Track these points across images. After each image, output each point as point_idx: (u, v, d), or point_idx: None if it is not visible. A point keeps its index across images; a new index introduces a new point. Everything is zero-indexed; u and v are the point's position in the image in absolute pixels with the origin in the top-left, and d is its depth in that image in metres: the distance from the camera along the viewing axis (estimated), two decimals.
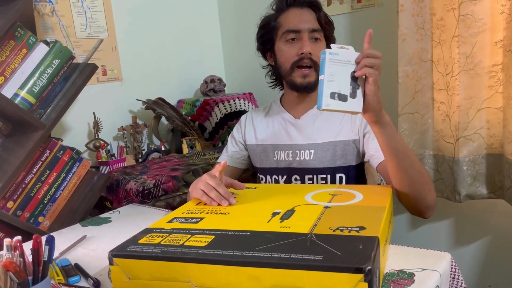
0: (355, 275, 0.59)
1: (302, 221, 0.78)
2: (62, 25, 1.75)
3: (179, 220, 0.85)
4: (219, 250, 0.69)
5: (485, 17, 1.36)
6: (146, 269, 0.71)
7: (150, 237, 0.77)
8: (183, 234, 0.77)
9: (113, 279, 0.74)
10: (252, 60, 2.22)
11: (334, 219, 0.79)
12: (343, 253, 0.64)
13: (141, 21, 2.03)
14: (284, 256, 0.64)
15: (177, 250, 0.71)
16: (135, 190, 1.46)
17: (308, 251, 0.66)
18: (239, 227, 0.78)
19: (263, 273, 0.64)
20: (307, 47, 1.13)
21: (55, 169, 1.40)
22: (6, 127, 1.34)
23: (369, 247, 0.65)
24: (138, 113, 2.00)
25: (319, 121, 1.20)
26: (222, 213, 0.87)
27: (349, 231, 0.72)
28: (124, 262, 0.72)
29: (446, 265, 0.82)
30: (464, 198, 1.47)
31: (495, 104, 1.41)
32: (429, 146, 1.58)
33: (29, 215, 1.34)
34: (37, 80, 1.32)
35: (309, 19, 1.16)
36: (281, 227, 0.76)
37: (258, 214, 0.84)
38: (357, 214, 0.81)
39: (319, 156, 1.17)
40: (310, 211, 0.83)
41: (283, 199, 0.92)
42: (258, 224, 0.79)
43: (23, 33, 1.31)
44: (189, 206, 0.93)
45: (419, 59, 1.51)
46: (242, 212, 0.87)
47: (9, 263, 0.64)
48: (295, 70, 1.16)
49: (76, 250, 1.03)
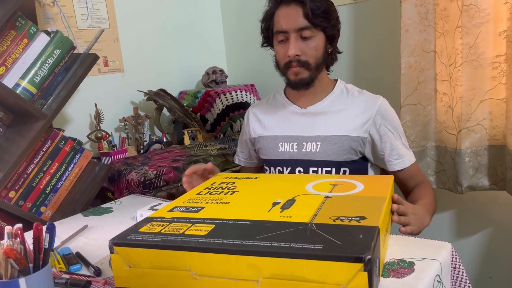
0: (354, 265, 0.59)
1: (302, 210, 0.78)
2: (63, 15, 1.75)
3: (180, 209, 0.84)
4: (219, 239, 0.68)
5: (489, 7, 1.35)
6: (146, 258, 0.71)
7: (150, 226, 0.77)
8: (183, 223, 0.77)
9: (113, 267, 0.74)
10: (254, 51, 2.22)
11: (334, 208, 0.78)
12: (343, 242, 0.64)
13: (142, 12, 2.02)
14: (284, 245, 0.64)
15: (177, 238, 0.71)
16: (136, 181, 1.46)
17: (308, 240, 0.65)
18: (240, 216, 0.78)
19: (262, 262, 0.64)
20: (291, 49, 1.10)
21: (56, 159, 1.40)
22: (7, 117, 1.34)
23: (369, 236, 0.65)
24: (139, 104, 2.00)
25: (329, 114, 1.18)
26: (223, 203, 0.86)
27: (349, 221, 0.72)
28: (125, 251, 0.72)
29: (447, 254, 0.82)
30: (466, 190, 1.47)
31: (498, 95, 1.40)
32: (432, 137, 1.57)
33: (31, 205, 1.35)
34: (38, 70, 1.32)
35: (296, 17, 1.10)
36: (281, 217, 0.76)
37: (259, 204, 0.84)
38: (357, 204, 0.81)
39: (326, 148, 1.15)
40: (310, 201, 0.83)
41: (283, 189, 0.92)
42: (259, 213, 0.78)
43: (24, 23, 1.31)
44: (190, 195, 0.93)
45: (422, 50, 1.50)
46: (243, 202, 0.87)
47: (10, 250, 0.64)
48: (287, 69, 1.15)
49: (77, 239, 1.04)
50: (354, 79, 1.83)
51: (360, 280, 0.59)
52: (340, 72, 1.23)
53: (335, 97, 1.19)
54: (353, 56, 1.81)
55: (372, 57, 1.80)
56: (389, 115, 1.15)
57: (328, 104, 1.19)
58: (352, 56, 1.82)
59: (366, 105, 1.16)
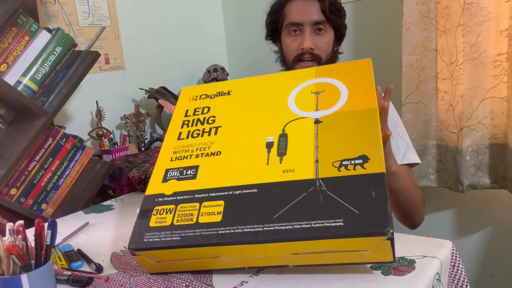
0: (377, 238, 0.62)
1: (301, 154, 0.74)
2: (64, 12, 1.75)
3: (174, 175, 0.80)
4: (238, 227, 0.68)
5: (490, 5, 1.35)
6: (171, 255, 0.72)
7: (159, 216, 0.74)
8: (189, 203, 0.74)
9: (141, 264, 0.77)
10: (255, 49, 2.22)
11: (331, 145, 0.74)
12: (360, 211, 0.64)
13: (144, 9, 2.02)
14: (306, 226, 0.64)
15: (196, 233, 0.69)
16: (137, 178, 1.46)
17: (326, 212, 0.65)
18: (242, 180, 0.74)
19: (289, 245, 0.66)
20: (307, 42, 1.11)
21: (58, 156, 1.40)
22: (8, 114, 1.34)
23: (381, 193, 0.65)
24: (141, 102, 2.00)
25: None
26: (213, 154, 0.81)
27: (354, 167, 0.69)
28: (147, 253, 0.73)
29: (447, 252, 0.82)
30: (466, 188, 1.47)
31: (499, 94, 1.40)
32: (432, 136, 1.57)
33: (32, 202, 1.35)
34: (39, 68, 1.32)
35: (313, 10, 1.12)
36: (284, 172, 0.73)
37: (252, 150, 0.78)
38: (352, 134, 0.75)
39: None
40: (303, 134, 0.78)
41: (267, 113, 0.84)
42: (259, 171, 0.74)
43: (25, 20, 1.31)
44: (172, 142, 0.87)
45: (423, 48, 1.50)
46: (234, 149, 0.81)
47: (12, 247, 0.64)
48: (297, 63, 1.14)
49: (79, 236, 1.04)
50: None
51: (384, 246, 0.63)
52: None
53: None
54: (354, 54, 1.81)
55: (373, 55, 1.78)
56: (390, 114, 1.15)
57: None
58: (353, 53, 1.81)
59: None
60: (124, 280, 0.79)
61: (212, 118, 0.88)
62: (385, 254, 0.66)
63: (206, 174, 0.78)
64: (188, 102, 0.95)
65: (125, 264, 0.86)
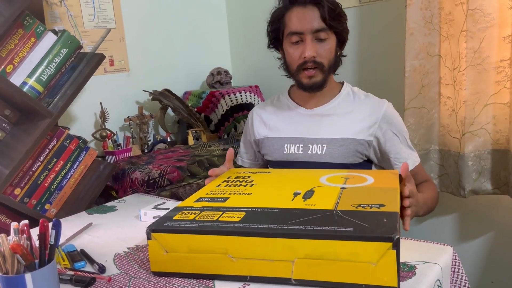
0: (384, 244, 0.65)
1: (324, 199, 0.82)
2: (70, 15, 1.76)
3: (205, 199, 0.88)
4: (254, 224, 0.73)
5: (494, 12, 1.35)
6: (184, 243, 0.75)
7: (183, 214, 0.80)
8: (214, 211, 0.80)
9: (150, 253, 0.78)
10: (259, 53, 2.23)
11: (353, 197, 0.82)
12: (371, 225, 0.69)
13: (148, 12, 2.03)
14: (317, 228, 0.69)
15: (214, 224, 0.75)
16: (140, 180, 1.47)
17: (338, 224, 0.70)
18: (266, 205, 0.82)
19: (297, 244, 0.69)
20: (309, 51, 1.10)
21: (62, 157, 1.42)
22: (14, 115, 1.36)
23: (392, 220, 0.70)
24: (144, 104, 2.01)
25: (335, 116, 1.18)
26: (245, 194, 0.89)
27: (370, 208, 0.76)
28: (162, 237, 0.76)
29: (448, 258, 0.82)
30: (468, 193, 1.47)
31: (502, 100, 1.41)
32: (435, 141, 1.57)
33: (36, 202, 1.36)
34: (45, 69, 1.33)
35: (312, 18, 1.10)
36: (306, 205, 0.80)
37: (280, 194, 0.87)
38: (373, 194, 0.85)
39: (332, 151, 1.15)
40: (328, 192, 0.87)
41: (299, 182, 0.95)
42: (284, 203, 0.82)
43: (32, 22, 1.32)
44: (210, 187, 0.96)
45: (426, 53, 1.51)
46: (264, 193, 0.90)
47: (17, 246, 0.65)
48: (300, 72, 1.14)
49: (82, 237, 1.05)
50: (358, 81, 1.83)
51: (389, 257, 0.66)
52: (345, 74, 1.24)
53: (341, 100, 1.20)
54: (358, 58, 1.82)
55: (377, 59, 1.81)
56: (395, 119, 1.16)
57: (335, 106, 1.19)
58: (357, 58, 1.82)
59: (372, 109, 1.16)
60: (124, 281, 0.79)
61: (250, 180, 0.99)
62: (389, 273, 0.66)
63: (234, 201, 0.86)
64: (231, 173, 1.07)
65: (127, 265, 0.86)
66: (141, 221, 1.11)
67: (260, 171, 1.07)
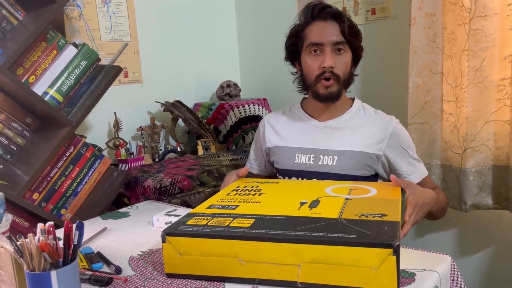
0: (385, 250, 0.70)
1: (329, 208, 0.87)
2: (88, 28, 1.84)
3: (216, 206, 0.93)
4: (263, 230, 0.78)
5: (495, 32, 1.40)
6: (196, 246, 0.80)
7: (196, 220, 0.86)
8: (225, 218, 0.86)
9: (164, 255, 0.83)
10: (267, 67, 2.30)
11: (357, 207, 0.88)
12: (373, 232, 0.74)
13: (162, 27, 2.11)
14: (322, 235, 0.74)
15: (225, 229, 0.80)
16: (152, 187, 1.52)
17: (342, 231, 0.76)
18: (274, 212, 0.87)
19: (304, 249, 0.74)
20: (328, 61, 1.17)
21: (78, 164, 1.48)
22: (34, 123, 1.42)
23: (393, 228, 0.76)
24: (156, 115, 2.08)
25: (347, 130, 1.23)
26: (254, 202, 0.95)
27: (373, 217, 0.81)
28: (176, 240, 0.81)
29: (446, 267, 0.87)
30: (469, 208, 1.51)
31: (502, 117, 1.45)
32: (437, 156, 1.61)
33: (53, 207, 1.42)
34: (65, 80, 1.40)
35: (333, 31, 1.18)
36: (312, 213, 0.85)
37: (288, 203, 0.92)
38: (376, 204, 0.90)
39: (342, 163, 1.20)
40: (333, 201, 0.92)
41: (305, 192, 1.00)
42: (291, 211, 0.88)
43: (54, 35, 1.40)
44: (221, 196, 1.01)
45: (429, 71, 1.56)
46: (272, 201, 0.96)
47: (45, 245, 0.71)
48: (318, 82, 1.19)
49: (97, 240, 1.10)
50: (363, 96, 1.87)
51: (390, 263, 0.70)
52: (351, 88, 1.30)
53: (353, 114, 1.26)
54: (363, 73, 1.87)
55: (381, 75, 1.86)
56: (402, 135, 1.23)
57: (347, 120, 1.24)
58: (362, 73, 1.87)
59: (381, 125, 1.22)
60: (139, 282, 0.85)
61: (259, 189, 1.05)
62: (390, 278, 0.71)
63: (243, 209, 0.91)
64: (241, 182, 1.13)
65: (142, 267, 0.91)
66: (153, 226, 1.16)
67: (268, 181, 1.12)
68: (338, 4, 1.93)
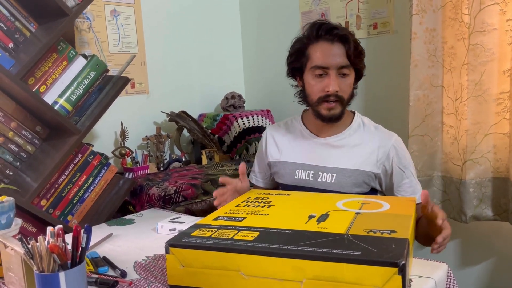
0: (390, 269, 0.67)
1: (337, 223, 0.85)
2: (97, 40, 1.89)
3: (223, 218, 0.93)
4: (266, 244, 0.77)
5: (494, 47, 1.44)
6: (199, 258, 0.80)
7: (201, 231, 0.85)
8: (230, 230, 0.85)
9: (168, 266, 0.83)
10: (271, 79, 2.34)
11: (366, 223, 0.86)
12: (379, 250, 0.72)
13: (168, 39, 2.16)
14: (326, 251, 0.72)
15: (228, 242, 0.79)
16: (157, 195, 1.55)
17: (347, 247, 0.73)
18: (280, 226, 0.86)
19: (306, 265, 0.72)
20: (333, 86, 1.14)
21: (85, 172, 1.51)
22: (44, 131, 1.46)
23: (401, 246, 0.73)
24: (162, 125, 2.11)
25: (346, 147, 1.22)
26: (262, 214, 0.94)
27: (381, 233, 0.79)
28: (179, 252, 0.81)
29: (442, 274, 0.88)
30: (470, 219, 1.52)
31: (502, 130, 1.47)
32: (438, 167, 1.63)
33: (60, 213, 1.45)
34: (74, 90, 1.44)
35: (338, 54, 1.15)
36: (318, 228, 0.84)
37: (296, 216, 0.91)
38: (387, 220, 0.88)
39: (340, 180, 1.20)
40: (343, 216, 0.90)
41: (316, 205, 0.98)
42: (297, 224, 0.86)
43: (65, 47, 1.44)
44: (230, 207, 1.01)
45: (430, 84, 1.59)
46: (280, 214, 0.94)
47: (54, 246, 0.73)
48: (321, 103, 1.17)
49: (103, 245, 1.12)
50: (365, 109, 1.91)
51: (395, 282, 0.67)
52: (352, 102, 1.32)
53: (352, 131, 1.24)
54: (365, 87, 1.90)
55: (383, 88, 1.89)
56: (402, 154, 1.20)
57: (346, 137, 1.23)
58: (363, 87, 1.90)
59: (380, 141, 1.20)
60: (144, 286, 0.87)
61: (269, 201, 1.03)
62: None
63: (250, 221, 0.90)
64: (252, 194, 1.12)
65: (146, 272, 0.94)
66: (157, 233, 1.19)
67: (279, 193, 1.12)
68: (340, 19, 1.97)
